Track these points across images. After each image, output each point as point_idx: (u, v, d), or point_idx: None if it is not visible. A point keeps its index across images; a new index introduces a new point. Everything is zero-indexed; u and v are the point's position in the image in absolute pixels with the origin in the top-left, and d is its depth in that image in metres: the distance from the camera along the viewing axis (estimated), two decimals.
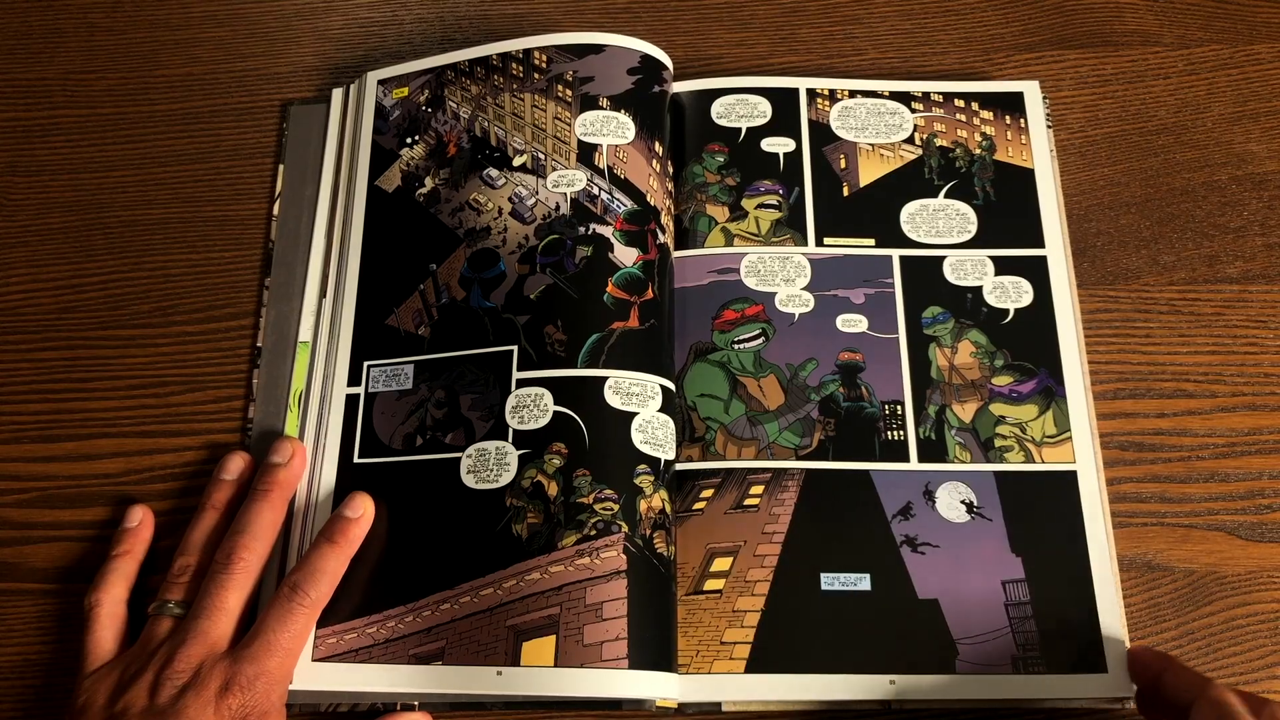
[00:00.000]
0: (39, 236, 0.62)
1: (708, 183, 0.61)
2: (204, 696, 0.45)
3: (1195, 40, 0.67)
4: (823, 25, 0.68)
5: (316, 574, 0.50)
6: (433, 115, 0.62)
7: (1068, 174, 0.63)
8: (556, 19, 0.68)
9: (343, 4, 0.69)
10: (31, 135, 0.65)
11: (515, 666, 0.49)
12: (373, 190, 0.61)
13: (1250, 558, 0.55)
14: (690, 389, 0.56)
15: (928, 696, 0.51)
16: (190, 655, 0.47)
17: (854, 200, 0.60)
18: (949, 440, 0.55)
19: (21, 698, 0.53)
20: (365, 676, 0.50)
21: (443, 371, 0.55)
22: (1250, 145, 0.64)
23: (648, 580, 0.50)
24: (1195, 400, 0.58)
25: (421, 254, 0.59)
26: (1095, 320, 0.59)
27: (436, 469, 0.53)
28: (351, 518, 0.52)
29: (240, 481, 0.54)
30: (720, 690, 0.51)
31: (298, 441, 0.55)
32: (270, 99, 0.65)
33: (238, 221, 0.62)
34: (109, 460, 0.57)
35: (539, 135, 0.59)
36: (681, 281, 0.58)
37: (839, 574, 0.52)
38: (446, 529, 0.52)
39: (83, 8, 0.68)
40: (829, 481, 0.54)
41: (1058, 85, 0.66)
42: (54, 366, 0.59)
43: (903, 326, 0.57)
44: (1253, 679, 0.52)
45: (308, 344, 0.58)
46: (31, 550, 0.55)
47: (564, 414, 0.53)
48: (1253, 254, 0.61)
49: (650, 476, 0.52)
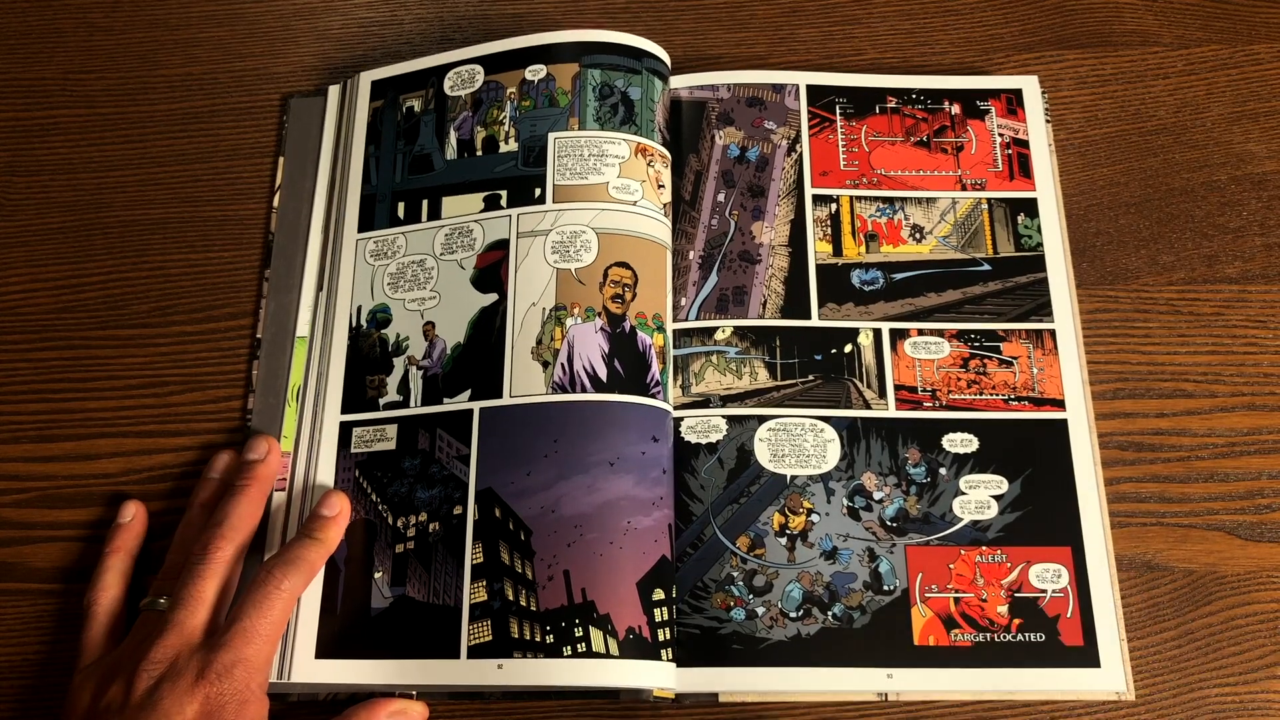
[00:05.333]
0: (38, 236, 0.62)
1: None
2: (180, 686, 0.45)
3: (1195, 40, 0.67)
4: (822, 25, 0.68)
5: (294, 562, 0.50)
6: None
7: (1067, 174, 0.63)
8: (556, 19, 0.68)
9: (342, 4, 0.69)
10: (31, 135, 0.65)
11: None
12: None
13: (1250, 558, 0.55)
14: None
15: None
16: (166, 646, 0.47)
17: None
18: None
19: (21, 697, 0.53)
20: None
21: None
22: (1250, 145, 0.64)
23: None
24: (1195, 400, 0.58)
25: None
26: (1094, 320, 0.59)
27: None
28: (328, 515, 0.52)
29: (227, 479, 0.55)
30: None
31: (272, 439, 0.55)
32: (270, 99, 0.65)
33: (237, 221, 0.62)
34: (108, 460, 0.57)
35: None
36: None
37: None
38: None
39: (82, 7, 0.68)
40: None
41: (1057, 85, 0.66)
42: (53, 366, 0.59)
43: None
44: (1252, 679, 0.52)
45: (305, 339, 0.58)
46: (31, 550, 0.55)
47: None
48: (1252, 254, 0.61)
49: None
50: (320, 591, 0.53)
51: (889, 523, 0.54)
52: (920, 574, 0.53)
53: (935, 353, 0.58)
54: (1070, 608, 0.53)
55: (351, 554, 0.53)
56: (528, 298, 0.56)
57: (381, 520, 0.54)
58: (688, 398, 0.57)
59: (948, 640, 0.52)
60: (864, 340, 0.58)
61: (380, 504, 0.54)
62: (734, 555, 0.54)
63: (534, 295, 0.56)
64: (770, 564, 0.53)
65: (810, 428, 0.56)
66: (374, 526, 0.54)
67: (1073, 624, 0.52)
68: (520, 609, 0.50)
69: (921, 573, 0.53)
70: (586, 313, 0.55)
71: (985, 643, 0.52)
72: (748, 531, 0.54)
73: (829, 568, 0.53)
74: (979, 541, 0.54)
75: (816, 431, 0.56)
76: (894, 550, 0.54)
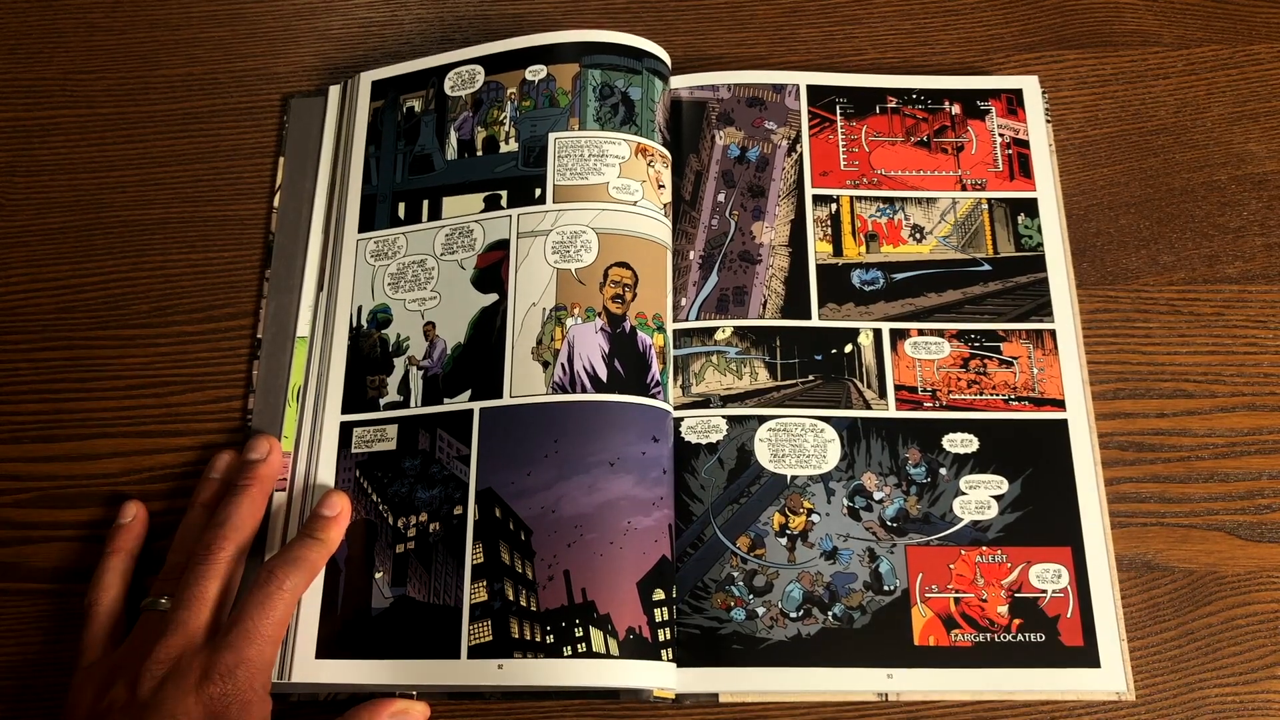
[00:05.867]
0: (39, 236, 0.62)
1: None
2: (184, 687, 0.45)
3: (1195, 40, 0.67)
4: (822, 25, 0.68)
5: (295, 562, 0.50)
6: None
7: (1068, 174, 0.63)
8: (556, 19, 0.68)
9: (342, 4, 0.69)
10: (31, 135, 0.65)
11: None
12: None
13: (1250, 558, 0.55)
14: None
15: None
16: (169, 646, 0.47)
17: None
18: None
19: (21, 697, 0.53)
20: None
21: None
22: (1250, 145, 0.64)
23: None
24: (1195, 400, 0.58)
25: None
26: (1095, 320, 0.59)
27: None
28: (329, 515, 0.53)
29: (228, 479, 0.55)
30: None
31: (273, 438, 0.55)
32: (270, 99, 0.65)
33: (237, 221, 0.62)
34: (108, 460, 0.57)
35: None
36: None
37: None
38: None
39: (82, 7, 0.68)
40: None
41: (1057, 85, 0.66)
42: (53, 366, 0.59)
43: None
44: (1252, 679, 0.52)
45: (305, 339, 0.58)
46: (31, 550, 0.55)
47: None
48: (1252, 254, 0.61)
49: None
50: (321, 591, 0.53)
51: (889, 523, 0.54)
52: (920, 574, 0.53)
53: (935, 353, 0.58)
54: (1070, 608, 0.53)
55: (352, 554, 0.53)
56: (528, 298, 0.56)
57: (382, 520, 0.54)
58: (688, 398, 0.57)
59: (948, 640, 0.52)
60: (864, 340, 0.58)
61: (381, 504, 0.54)
62: (734, 555, 0.54)
63: (534, 295, 0.56)
64: (770, 564, 0.54)
65: (810, 428, 0.56)
66: (374, 526, 0.54)
67: (1073, 624, 0.52)
68: (520, 609, 0.50)
69: (922, 573, 0.53)
70: (587, 313, 0.55)
71: (985, 643, 0.52)
72: (748, 531, 0.54)
73: (829, 568, 0.53)
74: (979, 542, 0.54)
75: (817, 431, 0.56)
76: (894, 550, 0.54)
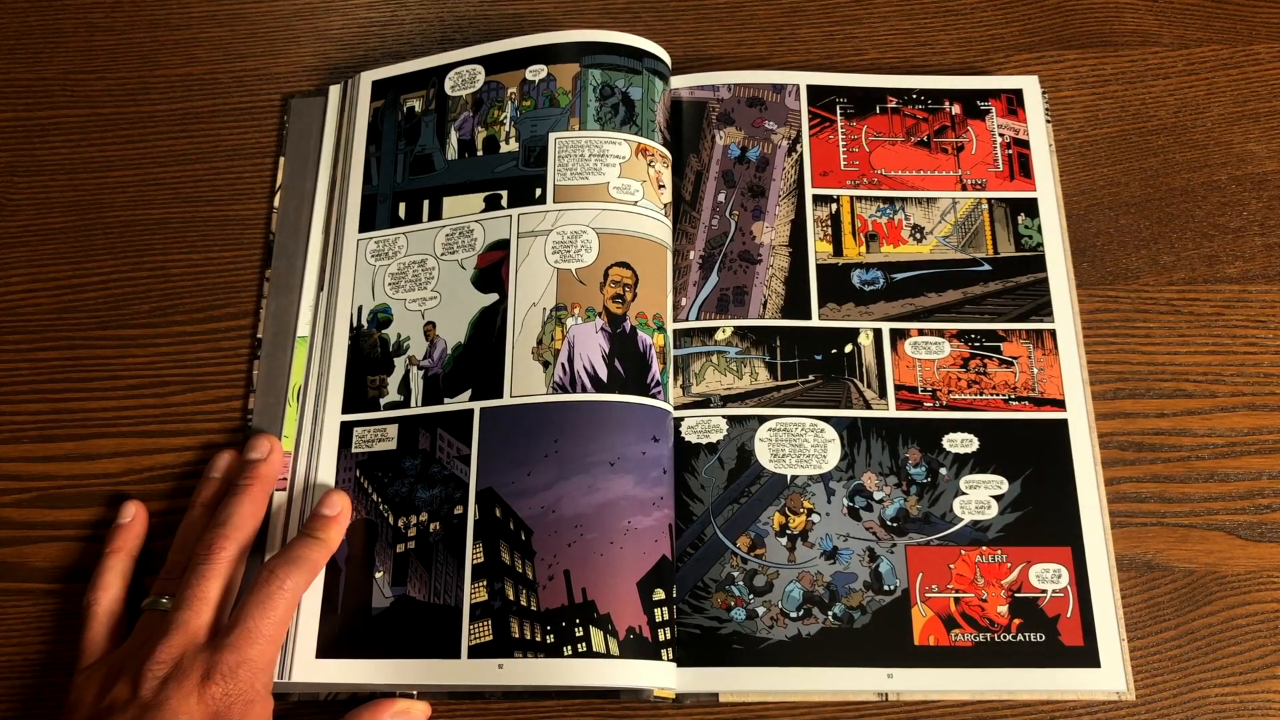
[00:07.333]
0: (39, 236, 0.62)
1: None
2: (186, 687, 0.45)
3: (1195, 40, 0.67)
4: (823, 25, 0.68)
5: (296, 561, 0.50)
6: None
7: (1068, 174, 0.63)
8: (557, 19, 0.68)
9: (343, 4, 0.69)
10: (31, 135, 0.65)
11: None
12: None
13: (1250, 557, 0.55)
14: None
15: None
16: (171, 646, 0.47)
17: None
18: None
19: (21, 697, 0.53)
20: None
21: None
22: (1250, 145, 0.64)
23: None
24: (1195, 400, 0.58)
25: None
26: (1095, 320, 0.59)
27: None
28: (329, 515, 0.53)
29: (229, 479, 0.55)
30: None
31: (274, 438, 0.55)
32: (270, 99, 0.65)
33: (238, 221, 0.62)
34: (108, 460, 0.57)
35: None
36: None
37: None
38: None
39: (83, 7, 0.68)
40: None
41: (1057, 85, 0.66)
42: (53, 366, 0.59)
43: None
44: (1252, 679, 0.52)
45: (306, 339, 0.58)
46: (31, 550, 0.55)
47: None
48: (1252, 254, 0.61)
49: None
50: (321, 591, 0.53)
51: (889, 523, 0.54)
52: (920, 574, 0.53)
53: (935, 353, 0.58)
54: (1070, 608, 0.53)
55: (352, 554, 0.54)
56: (528, 298, 0.56)
57: (382, 520, 0.54)
58: (688, 398, 0.57)
59: (948, 640, 0.52)
60: (864, 340, 0.58)
61: (381, 504, 0.54)
62: (734, 555, 0.54)
63: (534, 295, 0.56)
64: (770, 564, 0.54)
65: (810, 428, 0.56)
66: (375, 526, 0.54)
67: (1073, 624, 0.52)
68: (521, 609, 0.50)
69: (922, 573, 0.53)
70: (587, 313, 0.55)
71: (985, 643, 0.52)
72: (748, 531, 0.54)
73: (829, 568, 0.53)
74: (979, 541, 0.54)
75: (817, 431, 0.56)
76: (894, 550, 0.54)
